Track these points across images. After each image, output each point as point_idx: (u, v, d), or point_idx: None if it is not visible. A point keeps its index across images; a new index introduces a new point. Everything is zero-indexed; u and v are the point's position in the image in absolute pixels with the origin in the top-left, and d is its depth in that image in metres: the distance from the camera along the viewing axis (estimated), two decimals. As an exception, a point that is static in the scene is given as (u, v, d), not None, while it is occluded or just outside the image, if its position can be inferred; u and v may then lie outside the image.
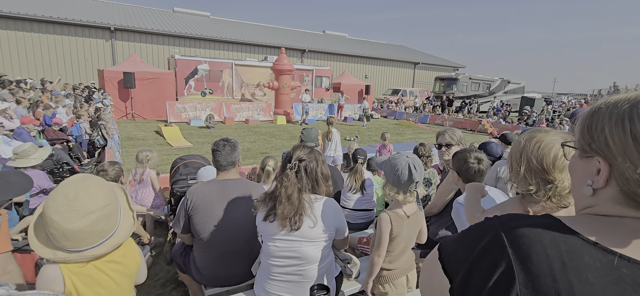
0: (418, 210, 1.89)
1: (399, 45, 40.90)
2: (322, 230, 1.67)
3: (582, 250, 0.54)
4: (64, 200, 1.10)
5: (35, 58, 16.91)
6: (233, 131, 12.16)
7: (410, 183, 1.76)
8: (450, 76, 25.43)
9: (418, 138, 12.47)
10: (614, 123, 0.58)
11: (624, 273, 0.51)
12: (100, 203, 1.15)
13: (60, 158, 5.27)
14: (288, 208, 1.58)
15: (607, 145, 0.59)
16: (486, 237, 0.61)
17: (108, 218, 1.18)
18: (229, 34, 23.07)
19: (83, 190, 1.13)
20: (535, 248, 0.55)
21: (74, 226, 1.09)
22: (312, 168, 1.68)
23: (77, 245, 1.12)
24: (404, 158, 1.79)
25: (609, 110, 0.60)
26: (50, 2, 20.27)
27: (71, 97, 9.86)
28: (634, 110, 0.56)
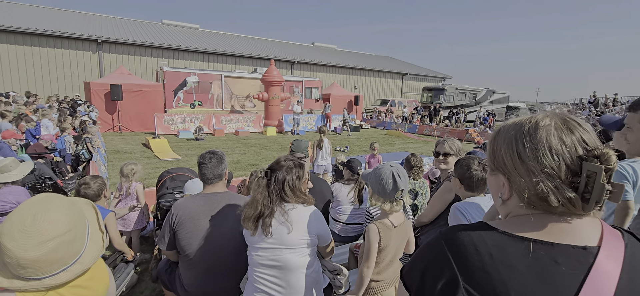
0: (406, 219, 1.90)
1: (387, 56, 41.52)
2: (302, 236, 1.69)
3: (505, 243, 0.66)
4: (20, 226, 1.00)
5: (19, 71, 16.57)
6: (223, 143, 12.07)
7: (396, 192, 1.77)
8: (437, 86, 25.89)
9: (407, 148, 12.58)
10: (506, 146, 0.73)
11: (539, 254, 0.63)
12: (60, 230, 1.04)
13: (42, 173, 5.13)
14: (250, 210, 1.66)
15: (505, 163, 0.73)
16: (432, 248, 0.73)
17: (70, 244, 1.07)
18: (218, 46, 23.07)
19: (42, 213, 1.04)
20: (468, 249, 0.67)
21: (29, 255, 0.99)
22: (282, 175, 1.72)
23: (34, 273, 1.02)
24: (387, 167, 1.81)
25: (503, 134, 0.74)
26: (36, 15, 19.99)
27: (55, 110, 9.66)
28: (518, 135, 0.71)
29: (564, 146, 0.66)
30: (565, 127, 0.68)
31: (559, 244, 0.64)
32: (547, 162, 0.66)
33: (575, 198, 0.64)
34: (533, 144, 0.68)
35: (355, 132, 17.46)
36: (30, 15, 19.38)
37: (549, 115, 0.71)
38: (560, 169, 0.65)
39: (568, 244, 0.64)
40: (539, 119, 0.70)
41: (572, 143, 0.66)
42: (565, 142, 0.66)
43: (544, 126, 0.69)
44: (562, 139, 0.67)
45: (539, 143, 0.67)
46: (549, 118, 0.70)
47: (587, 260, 0.62)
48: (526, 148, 0.69)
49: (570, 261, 0.62)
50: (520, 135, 0.70)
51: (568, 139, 0.66)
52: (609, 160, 0.63)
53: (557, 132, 0.67)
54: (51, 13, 21.95)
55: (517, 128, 0.72)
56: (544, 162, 0.66)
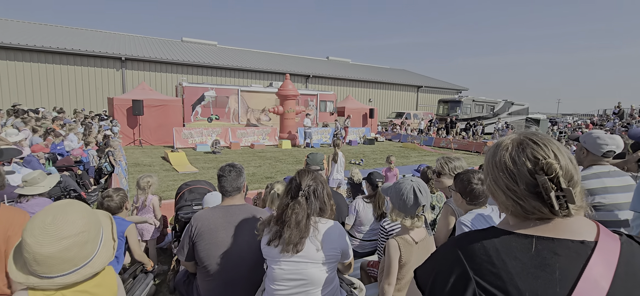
0: (428, 235, 1.86)
1: (402, 69, 41.44)
2: (327, 252, 1.68)
3: (510, 239, 0.75)
4: (40, 224, 1.09)
5: (48, 87, 17.41)
6: (238, 156, 12.23)
7: (417, 207, 1.75)
8: (453, 98, 25.58)
9: (424, 161, 12.41)
10: (485, 168, 0.86)
11: (541, 247, 0.72)
12: (76, 230, 1.13)
13: (67, 185, 5.32)
14: (295, 233, 1.61)
15: (488, 184, 0.85)
16: (445, 250, 0.82)
17: (82, 245, 1.15)
18: (235, 62, 23.62)
19: (61, 215, 1.12)
20: (477, 246, 0.76)
21: (44, 250, 1.07)
22: (320, 191, 1.72)
23: (46, 270, 1.10)
24: (408, 182, 1.79)
25: (485, 159, 0.87)
26: (64, 35, 21.07)
27: (80, 124, 10.05)
28: (490, 157, 0.84)
29: (515, 165, 0.77)
30: (518, 147, 0.79)
31: (559, 239, 0.73)
32: (506, 180, 0.78)
33: (540, 206, 0.75)
34: (496, 165, 0.81)
35: (370, 145, 17.39)
36: (59, 36, 20.43)
37: (511, 137, 0.82)
38: (518, 184, 0.77)
39: (567, 239, 0.72)
40: (501, 142, 0.83)
41: (522, 161, 0.77)
42: (517, 161, 0.77)
43: (502, 149, 0.81)
44: (514, 159, 0.78)
45: (498, 164, 0.80)
46: (509, 139, 0.82)
47: (585, 252, 0.70)
48: (493, 169, 0.82)
49: (569, 253, 0.71)
50: (490, 158, 0.84)
51: (518, 158, 0.77)
52: (551, 170, 0.74)
53: (511, 152, 0.79)
54: (78, 33, 23.09)
55: (489, 152, 0.86)
56: (504, 180, 0.79)
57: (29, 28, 21.05)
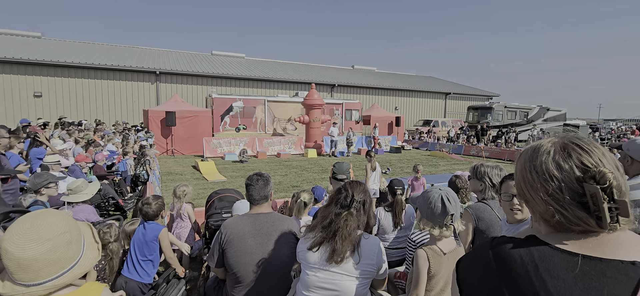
0: (457, 246, 1.81)
1: (429, 76, 40.70)
2: (365, 267, 1.67)
3: (552, 255, 0.68)
4: (19, 230, 1.06)
5: (90, 101, 18.61)
6: (265, 165, 12.44)
7: (445, 216, 1.71)
8: (484, 105, 24.75)
9: (453, 170, 12.05)
10: (519, 172, 0.79)
11: (587, 267, 0.65)
12: (57, 231, 1.10)
13: (106, 193, 5.64)
14: (346, 244, 1.61)
15: (521, 188, 0.79)
16: (479, 257, 0.77)
17: (67, 245, 1.11)
18: (262, 73, 24.20)
19: (38, 219, 1.10)
20: (512, 257, 0.70)
21: (27, 253, 1.03)
22: (368, 205, 1.73)
23: (34, 276, 1.06)
24: (436, 191, 1.77)
25: (518, 161, 0.81)
26: (103, 51, 22.52)
27: (119, 136, 10.65)
28: (526, 162, 0.77)
29: (562, 171, 0.70)
30: (563, 152, 0.72)
31: (608, 259, 0.65)
32: (549, 187, 0.71)
33: (586, 218, 0.68)
34: (536, 171, 0.74)
35: (397, 153, 17.13)
36: (100, 53, 21.87)
37: (551, 141, 0.76)
38: (562, 192, 0.70)
39: (617, 259, 0.65)
40: (541, 146, 0.76)
41: (570, 168, 0.70)
42: (563, 167, 0.70)
43: (544, 153, 0.74)
44: (560, 165, 0.71)
45: (539, 170, 0.73)
46: (550, 143, 0.75)
47: (636, 275, 0.63)
48: (531, 175, 0.75)
49: (619, 275, 0.63)
50: (526, 163, 0.77)
51: (565, 164, 0.70)
52: (604, 180, 0.66)
53: (555, 157, 0.72)
54: (117, 50, 24.61)
55: (525, 156, 0.78)
56: (545, 187, 0.71)
57: (74, 46, 22.70)
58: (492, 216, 2.19)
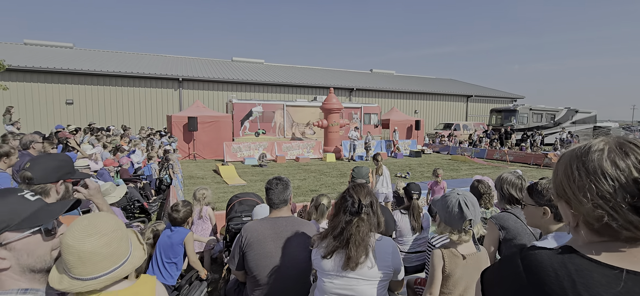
0: (477, 251, 1.76)
1: (450, 78, 39.93)
2: (381, 269, 1.67)
3: (591, 268, 0.62)
4: (79, 227, 1.17)
5: (116, 107, 19.39)
6: (284, 169, 12.53)
7: (463, 221, 1.68)
8: (507, 107, 24.02)
9: (475, 174, 11.74)
10: (563, 172, 0.73)
11: (631, 284, 0.59)
12: (111, 227, 1.21)
13: (132, 196, 5.84)
14: (361, 250, 1.61)
15: (563, 190, 0.72)
16: (508, 267, 0.72)
17: (120, 241, 1.22)
18: (281, 78, 24.48)
19: (94, 218, 1.22)
20: (546, 271, 0.64)
21: (87, 247, 1.13)
22: (376, 206, 1.74)
23: (91, 270, 1.15)
24: (455, 194, 1.75)
25: (561, 161, 0.75)
26: (130, 60, 23.44)
27: (144, 141, 11.02)
28: (572, 161, 0.71)
29: (617, 170, 0.65)
30: (620, 150, 0.67)
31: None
32: (601, 187, 0.65)
33: (638, 221, 0.62)
34: (586, 169, 0.68)
35: (416, 157, 16.88)
36: (126, 61, 22.77)
37: (604, 139, 0.71)
38: (616, 193, 0.64)
39: None
40: (593, 144, 0.71)
41: (627, 167, 0.65)
42: (619, 165, 0.65)
43: (597, 150, 0.68)
44: (616, 163, 0.66)
45: (591, 168, 0.67)
46: (603, 142, 0.70)
47: None
48: (580, 173, 0.69)
49: None
50: (574, 161, 0.71)
51: (622, 163, 0.65)
52: None
53: (610, 155, 0.67)
54: (142, 57, 25.56)
55: (572, 154, 0.73)
56: (597, 187, 0.66)
57: (103, 55, 23.75)
58: (517, 224, 2.12)
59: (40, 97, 17.69)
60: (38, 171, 1.60)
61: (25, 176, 1.58)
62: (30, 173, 1.58)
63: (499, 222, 2.15)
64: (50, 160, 1.67)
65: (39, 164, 1.62)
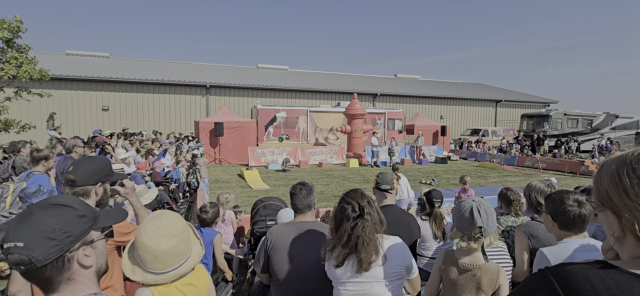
0: (485, 263, 1.68)
1: (478, 83, 38.80)
2: (392, 268, 1.67)
3: (632, 283, 0.59)
4: (153, 228, 1.31)
5: (148, 113, 20.28)
6: (307, 174, 12.60)
7: (472, 227, 1.64)
8: (540, 113, 23.00)
9: (504, 182, 11.29)
10: (609, 180, 0.69)
11: None
12: (179, 229, 1.36)
13: (162, 198, 6.08)
14: (370, 250, 1.62)
15: (609, 198, 0.68)
16: (541, 283, 0.67)
17: (186, 241, 1.38)
18: (305, 84, 24.71)
19: (165, 218, 1.36)
20: (583, 286, 0.60)
21: (161, 247, 1.28)
22: (374, 206, 1.75)
23: (163, 266, 1.30)
24: (469, 201, 1.73)
25: (606, 168, 0.71)
26: (160, 68, 24.47)
27: (173, 145, 11.45)
28: (620, 168, 0.67)
29: None
30: None
31: None
32: None
33: None
34: (635, 174, 0.65)
35: (442, 164, 16.48)
36: (157, 69, 23.79)
37: None
38: None
39: None
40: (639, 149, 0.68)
41: None
42: None
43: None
44: None
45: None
46: None
47: None
48: (630, 181, 0.65)
49: None
50: (622, 168, 0.67)
51: None
52: None
53: None
54: (172, 65, 26.62)
55: (619, 161, 0.69)
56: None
57: (136, 64, 24.96)
58: (547, 233, 2.04)
59: (79, 103, 18.80)
60: (81, 174, 1.69)
61: (69, 179, 1.69)
62: (73, 176, 1.68)
63: (527, 231, 2.10)
64: (91, 163, 1.77)
65: (81, 167, 1.72)
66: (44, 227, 0.82)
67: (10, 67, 10.53)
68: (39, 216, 0.84)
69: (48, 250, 0.81)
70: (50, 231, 0.83)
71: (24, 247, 0.79)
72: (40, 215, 0.84)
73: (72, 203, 0.92)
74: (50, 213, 0.85)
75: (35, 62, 11.24)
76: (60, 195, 1.12)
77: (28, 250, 0.79)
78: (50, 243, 0.82)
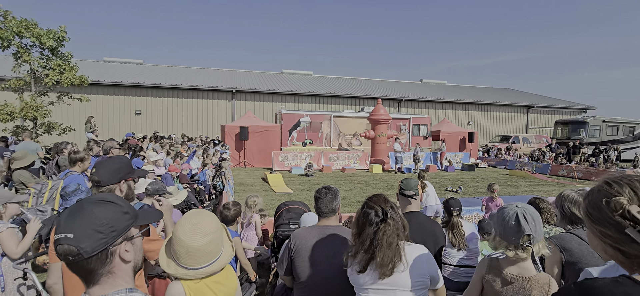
0: (537, 273, 1.61)
1: (508, 88, 37.43)
2: (416, 276, 1.64)
3: None
4: (189, 224, 1.39)
5: (176, 117, 21.06)
6: (330, 179, 12.60)
7: (520, 235, 1.54)
8: (576, 119, 21.83)
9: (536, 191, 10.80)
10: None
11: None
12: (213, 228, 1.43)
13: (189, 199, 6.28)
14: (388, 254, 1.61)
15: None
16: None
17: (217, 241, 1.45)
18: (329, 89, 24.80)
19: (202, 217, 1.44)
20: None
21: (195, 244, 1.35)
22: (397, 212, 1.72)
23: (195, 262, 1.37)
24: (513, 207, 1.62)
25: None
26: (189, 74, 25.37)
27: (200, 149, 11.81)
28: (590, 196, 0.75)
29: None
30: None
31: None
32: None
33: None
34: None
35: (469, 171, 15.98)
36: (186, 75, 24.68)
37: None
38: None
39: None
40: None
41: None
42: None
43: None
44: None
45: None
46: None
47: None
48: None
49: None
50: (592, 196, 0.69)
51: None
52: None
53: None
54: (200, 71, 27.53)
55: (593, 190, 0.71)
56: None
57: (167, 70, 26.03)
58: (582, 246, 1.92)
59: (114, 107, 19.81)
60: (104, 174, 1.77)
61: (94, 179, 1.78)
62: (97, 177, 1.76)
63: (560, 243, 1.97)
64: (112, 163, 1.84)
65: (102, 168, 1.80)
66: (93, 221, 0.88)
67: (54, 73, 11.30)
68: (89, 210, 0.90)
69: (95, 242, 0.86)
70: (99, 225, 0.88)
71: (74, 238, 0.84)
72: (90, 209, 0.90)
73: (117, 200, 0.98)
74: (99, 208, 0.91)
75: (76, 69, 12.00)
76: (107, 193, 1.20)
77: (77, 241, 0.84)
78: (98, 236, 0.87)
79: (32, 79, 11.43)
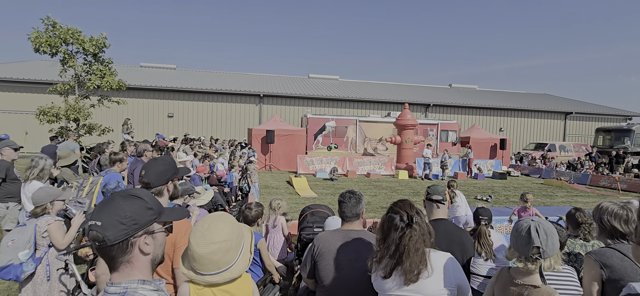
0: (544, 287, 1.56)
1: (543, 93, 35.70)
2: (441, 283, 1.62)
3: None
4: (200, 229, 1.37)
5: (205, 120, 21.75)
6: (355, 184, 12.52)
7: (529, 247, 1.53)
8: (620, 126, 20.44)
9: (574, 202, 10.18)
10: None
11: None
12: (221, 238, 1.36)
13: (216, 200, 6.45)
14: (415, 259, 1.59)
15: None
16: None
17: (225, 252, 1.37)
18: (354, 94, 24.72)
19: (214, 223, 1.39)
20: None
21: (199, 250, 1.34)
22: (423, 218, 1.70)
23: (200, 267, 1.36)
24: (528, 220, 1.62)
25: None
26: (218, 78, 26.17)
27: (228, 151, 12.12)
28: None
29: None
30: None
31: None
32: None
33: None
34: None
35: (501, 180, 15.33)
36: (216, 79, 25.48)
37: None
38: None
39: None
40: None
41: None
42: None
43: None
44: None
45: None
46: None
47: None
48: None
49: None
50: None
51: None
52: None
53: None
54: (229, 76, 28.34)
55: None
56: None
57: (198, 75, 27.00)
58: (624, 262, 1.79)
59: (148, 110, 20.78)
60: (152, 177, 1.91)
61: (144, 182, 1.92)
62: (147, 179, 1.90)
63: (599, 259, 1.84)
64: (158, 165, 1.97)
65: (150, 170, 1.93)
66: (118, 213, 0.96)
67: (96, 78, 12.05)
68: (117, 203, 0.98)
69: (118, 232, 0.94)
70: (123, 217, 0.96)
71: (101, 227, 0.93)
72: (118, 202, 0.98)
73: (144, 196, 1.05)
74: (126, 202, 0.99)
75: (115, 74, 12.74)
76: (137, 188, 1.26)
77: (103, 229, 0.93)
78: (120, 227, 0.95)
79: (76, 83, 12.25)
